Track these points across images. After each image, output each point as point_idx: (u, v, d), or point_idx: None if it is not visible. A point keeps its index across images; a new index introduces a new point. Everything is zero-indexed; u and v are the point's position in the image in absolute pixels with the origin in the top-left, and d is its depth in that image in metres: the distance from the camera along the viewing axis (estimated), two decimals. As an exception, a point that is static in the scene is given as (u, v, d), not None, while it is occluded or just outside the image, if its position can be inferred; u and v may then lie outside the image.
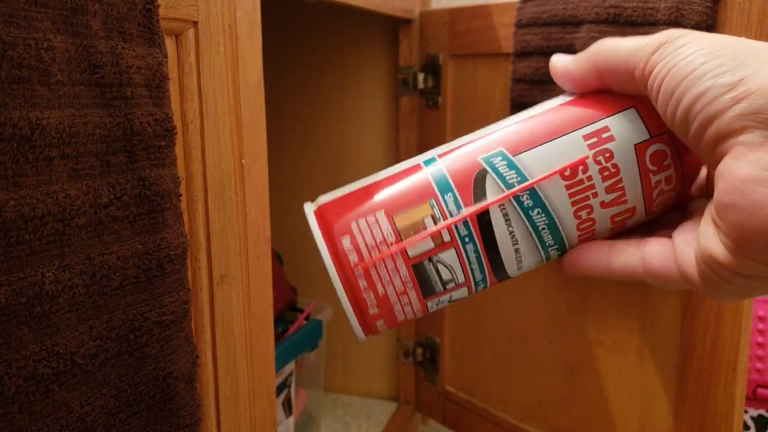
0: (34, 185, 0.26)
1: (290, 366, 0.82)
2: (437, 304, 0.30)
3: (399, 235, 0.28)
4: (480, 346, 0.88)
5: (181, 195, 0.34)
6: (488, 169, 0.29)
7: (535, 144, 0.29)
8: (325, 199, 0.31)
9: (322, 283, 1.08)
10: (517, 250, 0.29)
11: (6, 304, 0.25)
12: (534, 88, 0.70)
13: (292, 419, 0.85)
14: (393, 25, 0.94)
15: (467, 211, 0.28)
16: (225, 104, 0.40)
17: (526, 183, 0.28)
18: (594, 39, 0.63)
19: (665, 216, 0.32)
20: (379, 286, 0.28)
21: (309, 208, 0.32)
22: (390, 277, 0.28)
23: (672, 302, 0.66)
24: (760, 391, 0.89)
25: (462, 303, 0.90)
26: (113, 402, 0.30)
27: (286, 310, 0.91)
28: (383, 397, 1.09)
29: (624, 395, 0.72)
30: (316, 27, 1.02)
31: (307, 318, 0.89)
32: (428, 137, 0.92)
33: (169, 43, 0.36)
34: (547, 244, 0.30)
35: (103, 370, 0.29)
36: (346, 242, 0.29)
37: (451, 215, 0.28)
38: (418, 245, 0.28)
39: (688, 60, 0.25)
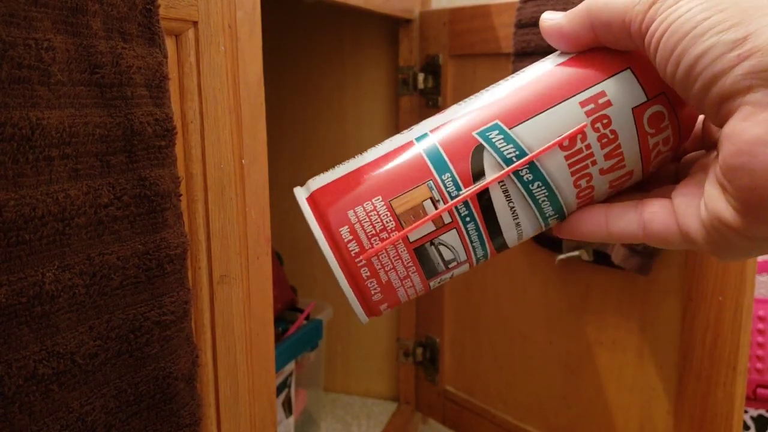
0: (35, 185, 0.26)
1: (290, 366, 0.82)
2: (439, 282, 0.30)
3: (399, 221, 0.28)
4: (480, 346, 0.88)
5: (181, 195, 0.34)
6: (485, 144, 0.28)
7: (531, 114, 0.28)
8: (316, 183, 0.30)
9: (322, 283, 1.08)
10: (517, 224, 0.29)
11: (6, 304, 0.25)
12: (534, 88, 0.70)
13: (292, 419, 0.85)
14: (393, 25, 0.94)
15: (467, 191, 0.28)
16: (225, 104, 0.40)
17: (526, 158, 0.28)
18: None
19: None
20: (381, 274, 0.28)
21: (301, 195, 0.30)
22: (392, 263, 0.28)
23: (672, 302, 0.66)
24: (760, 390, 0.89)
25: (462, 303, 0.90)
26: (113, 402, 0.30)
27: (286, 310, 0.91)
28: (383, 397, 1.09)
29: (624, 395, 0.72)
30: (316, 27, 1.02)
31: (307, 318, 0.89)
32: (428, 137, 0.91)
33: (169, 43, 0.36)
34: (546, 214, 0.29)
35: (103, 370, 0.29)
36: (344, 232, 0.28)
37: (450, 196, 0.28)
38: (419, 230, 0.28)
39: (688, 16, 0.24)
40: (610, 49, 0.29)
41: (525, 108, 0.29)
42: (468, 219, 0.28)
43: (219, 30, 0.39)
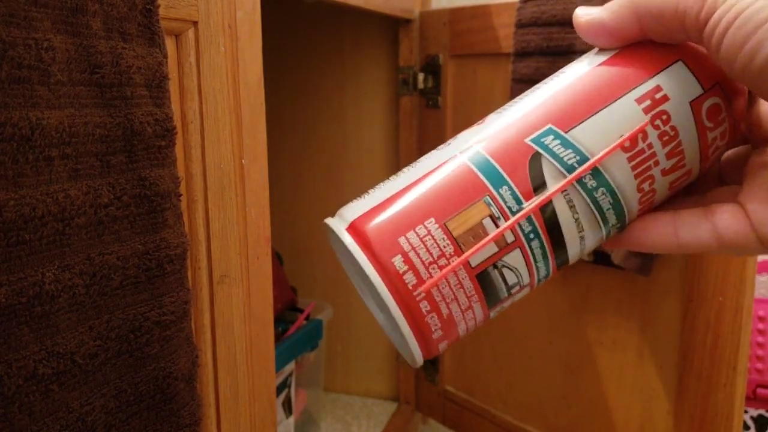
0: (34, 185, 0.26)
1: (290, 366, 0.82)
2: (498, 311, 0.27)
3: (458, 245, 0.25)
4: (480, 346, 0.88)
5: (181, 195, 0.34)
6: (541, 151, 0.25)
7: (585, 115, 0.26)
8: (353, 212, 0.27)
9: (322, 283, 1.08)
10: (582, 237, 0.26)
11: (6, 304, 0.25)
12: (534, 88, 0.70)
13: (292, 419, 0.85)
14: (393, 25, 0.94)
15: (530, 205, 0.25)
16: (225, 104, 0.40)
17: (588, 162, 0.25)
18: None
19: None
20: (442, 307, 0.25)
21: (339, 226, 0.27)
22: (454, 293, 0.25)
23: (672, 302, 0.66)
24: (760, 391, 0.89)
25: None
26: (113, 402, 0.30)
27: (286, 310, 0.91)
28: (383, 397, 1.09)
29: (624, 395, 0.72)
30: (316, 27, 1.02)
31: (307, 318, 0.89)
32: (428, 137, 0.92)
33: (169, 43, 0.36)
34: (610, 223, 0.27)
35: (103, 370, 0.29)
36: (398, 262, 0.25)
37: (512, 211, 0.25)
38: (481, 252, 0.25)
39: (763, 3, 0.22)
40: (655, 42, 0.27)
41: (577, 109, 0.26)
42: (532, 236, 0.25)
43: (219, 30, 0.39)
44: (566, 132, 0.26)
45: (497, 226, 0.25)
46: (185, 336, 0.34)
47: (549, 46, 0.68)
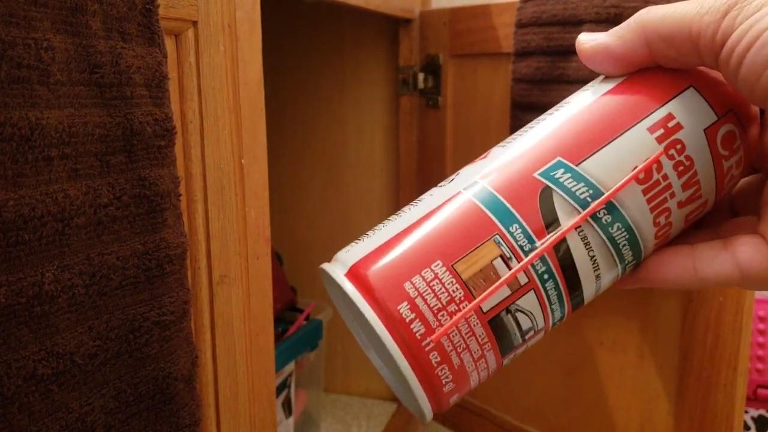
0: (34, 185, 0.26)
1: (290, 366, 0.82)
2: (512, 359, 0.25)
3: (468, 289, 0.23)
4: (480, 347, 0.88)
5: (180, 195, 0.34)
6: (552, 186, 0.24)
7: (596, 146, 0.25)
8: (352, 256, 0.25)
9: (322, 283, 1.07)
10: (597, 276, 0.25)
11: (5, 304, 0.25)
12: (534, 88, 0.70)
13: (291, 420, 0.85)
14: (393, 25, 0.94)
15: (543, 243, 0.23)
16: (225, 104, 0.40)
17: (603, 197, 0.24)
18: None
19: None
20: (453, 357, 0.23)
21: (337, 272, 0.25)
22: (465, 342, 0.23)
23: (672, 303, 0.66)
24: (761, 391, 0.89)
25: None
26: (113, 402, 0.30)
27: (285, 311, 0.90)
28: (383, 398, 1.09)
29: (624, 396, 0.72)
30: (315, 27, 1.02)
31: (306, 318, 0.89)
32: (428, 137, 0.91)
33: (169, 43, 0.36)
34: (626, 260, 0.25)
35: (103, 371, 0.29)
36: (404, 310, 0.23)
37: (524, 251, 0.23)
38: (493, 297, 0.23)
39: None
40: (663, 68, 0.26)
41: (587, 141, 0.25)
42: (546, 276, 0.24)
43: (219, 30, 0.39)
44: (577, 165, 0.24)
45: (509, 268, 0.23)
46: (185, 336, 0.34)
47: (549, 46, 0.68)
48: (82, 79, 0.28)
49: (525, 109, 0.71)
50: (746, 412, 0.91)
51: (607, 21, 0.62)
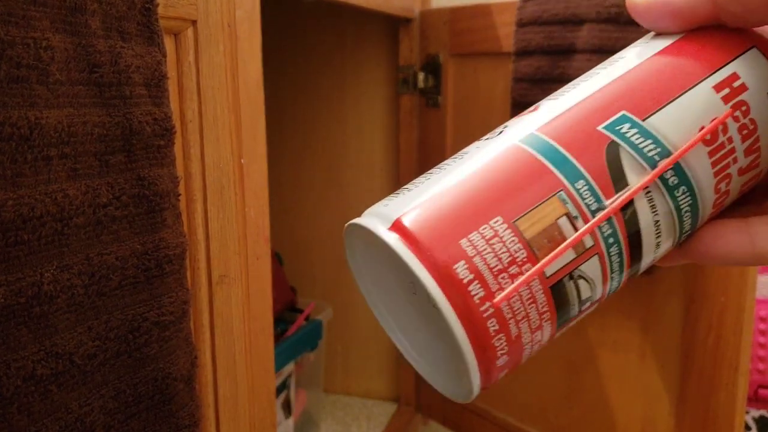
0: (33, 185, 0.25)
1: (290, 367, 0.82)
2: (557, 336, 0.23)
3: (531, 250, 0.21)
4: (480, 347, 0.88)
5: (179, 195, 0.34)
6: (619, 141, 0.22)
7: (661, 102, 0.23)
8: (394, 210, 0.22)
9: (321, 283, 1.07)
10: (658, 244, 0.23)
11: (5, 304, 0.24)
12: (535, 87, 0.70)
13: (291, 420, 0.85)
14: (393, 25, 0.94)
15: (612, 203, 0.21)
16: (224, 104, 0.40)
17: (672, 156, 0.22)
18: (595, 38, 0.63)
19: None
20: (512, 326, 0.21)
21: (378, 226, 0.22)
22: (525, 310, 0.21)
23: (674, 303, 0.66)
24: (762, 391, 0.89)
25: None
26: (112, 403, 0.30)
27: (285, 311, 0.90)
28: (383, 398, 1.09)
29: (626, 395, 0.72)
30: (315, 26, 1.02)
31: (306, 318, 0.89)
32: (429, 136, 0.91)
33: (168, 42, 0.36)
34: (684, 229, 0.23)
35: (102, 371, 0.29)
36: (461, 270, 0.20)
37: (590, 210, 0.21)
38: (558, 260, 0.21)
39: None
40: (722, 27, 0.24)
41: (650, 96, 0.23)
42: (612, 241, 0.22)
43: (218, 29, 0.39)
44: (643, 120, 0.22)
45: (576, 228, 0.21)
46: (184, 336, 0.34)
47: (550, 45, 0.68)
48: (81, 78, 0.28)
49: (525, 108, 0.71)
50: (747, 412, 0.91)
51: (608, 20, 0.61)
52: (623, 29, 0.60)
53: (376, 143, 1.01)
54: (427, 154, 0.92)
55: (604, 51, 0.61)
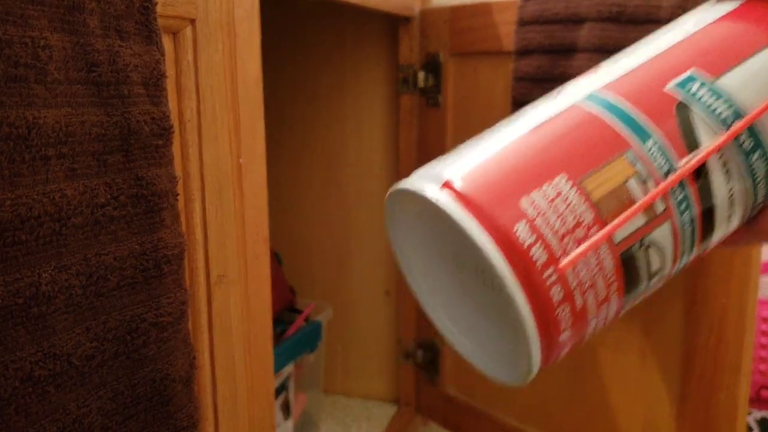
0: (31, 185, 0.25)
1: (289, 367, 0.82)
2: (623, 312, 0.21)
3: (599, 212, 0.19)
4: (480, 347, 0.88)
5: (178, 194, 0.34)
6: (688, 100, 0.20)
7: (732, 62, 0.21)
8: (445, 170, 0.20)
9: (321, 283, 1.07)
10: (730, 216, 0.21)
11: (2, 305, 0.24)
12: (536, 86, 0.70)
13: (291, 421, 0.84)
14: (393, 23, 0.94)
15: (684, 164, 0.19)
16: (223, 103, 0.40)
17: (747, 117, 0.20)
18: (596, 37, 0.63)
19: None
20: (577, 296, 0.18)
21: (427, 186, 0.19)
22: (592, 278, 0.18)
23: (675, 304, 0.66)
24: (764, 392, 0.89)
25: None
26: (110, 404, 0.29)
27: (284, 311, 0.90)
28: (383, 399, 1.08)
29: (627, 397, 0.72)
30: (315, 25, 1.02)
31: (306, 319, 0.89)
32: (429, 136, 0.91)
33: (167, 41, 0.36)
34: (758, 199, 0.22)
35: (100, 372, 0.29)
36: (522, 232, 0.18)
37: (661, 171, 0.19)
38: (628, 225, 0.19)
39: None
40: None
41: (720, 56, 0.21)
42: (684, 206, 0.20)
43: (217, 28, 0.39)
44: (714, 80, 0.21)
45: (646, 191, 0.19)
46: (182, 337, 0.33)
47: (551, 44, 0.67)
48: (79, 77, 0.27)
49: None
50: (749, 413, 0.90)
51: (609, 19, 0.61)
52: (624, 28, 0.60)
53: (375, 143, 1.01)
54: (427, 154, 0.92)
55: (605, 50, 0.61)
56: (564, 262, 0.18)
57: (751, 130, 0.21)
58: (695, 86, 0.21)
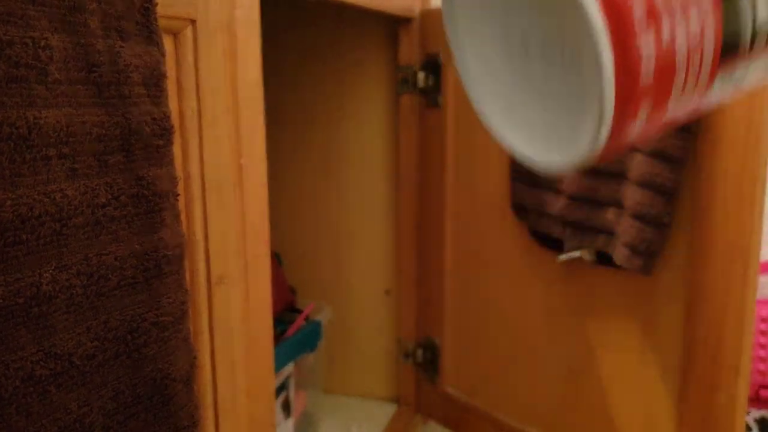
0: (32, 185, 0.25)
1: (289, 367, 0.82)
2: (721, 85, 0.16)
3: None
4: (481, 348, 0.88)
5: (178, 195, 0.34)
6: None
7: None
8: None
9: (321, 283, 1.07)
10: None
11: (3, 304, 0.24)
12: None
13: (291, 421, 0.84)
14: (393, 24, 0.94)
15: None
16: (223, 103, 0.40)
17: None
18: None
19: None
20: (665, 25, 0.14)
21: None
22: (683, 5, 0.14)
23: (674, 303, 0.66)
24: (763, 392, 0.89)
25: (462, 304, 0.90)
26: (111, 403, 0.30)
27: (285, 311, 0.90)
28: (383, 399, 1.08)
29: (626, 397, 0.72)
30: (315, 26, 1.02)
31: (306, 319, 0.89)
32: (429, 136, 0.91)
33: (168, 42, 0.36)
34: None
35: (101, 372, 0.29)
36: None
37: None
38: None
39: None
40: None
41: None
42: None
43: (218, 29, 0.39)
44: None
45: None
46: (183, 337, 0.34)
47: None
48: (80, 78, 0.28)
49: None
50: (748, 413, 0.91)
51: None
52: None
53: (375, 143, 1.01)
54: (427, 154, 0.92)
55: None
56: None
57: None
58: None
